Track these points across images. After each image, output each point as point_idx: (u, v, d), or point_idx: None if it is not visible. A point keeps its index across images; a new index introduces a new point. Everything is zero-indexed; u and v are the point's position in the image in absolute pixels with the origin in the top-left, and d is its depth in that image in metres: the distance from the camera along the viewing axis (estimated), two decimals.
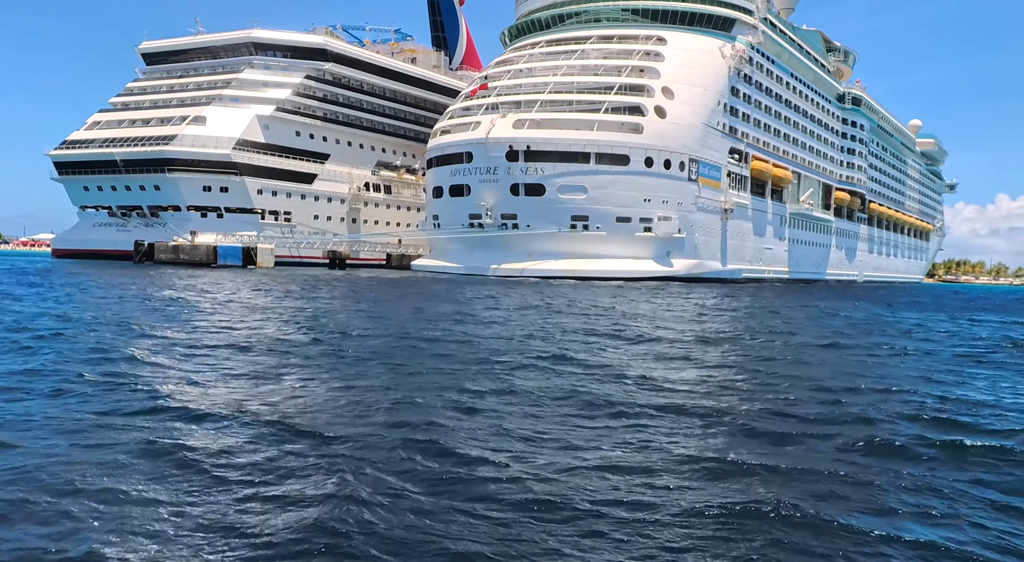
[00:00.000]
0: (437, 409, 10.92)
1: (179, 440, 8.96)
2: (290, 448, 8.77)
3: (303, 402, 11.24)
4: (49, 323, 20.17)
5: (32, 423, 9.50)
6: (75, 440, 8.83)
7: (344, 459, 8.33)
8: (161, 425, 9.68)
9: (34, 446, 8.51)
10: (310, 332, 20.16)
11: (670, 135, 73.22)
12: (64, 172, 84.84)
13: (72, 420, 9.71)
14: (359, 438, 9.23)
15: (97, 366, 13.70)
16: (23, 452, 8.26)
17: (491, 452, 8.81)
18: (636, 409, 11.23)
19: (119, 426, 9.52)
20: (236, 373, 13.60)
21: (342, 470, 7.90)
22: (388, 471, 7.99)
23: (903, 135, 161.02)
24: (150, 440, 8.88)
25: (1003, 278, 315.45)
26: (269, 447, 8.79)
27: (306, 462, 8.26)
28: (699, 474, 8.23)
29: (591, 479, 7.97)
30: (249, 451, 8.64)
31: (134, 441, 8.83)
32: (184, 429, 9.51)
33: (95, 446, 8.62)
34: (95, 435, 9.07)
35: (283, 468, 8.05)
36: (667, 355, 18.16)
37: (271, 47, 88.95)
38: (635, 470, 8.27)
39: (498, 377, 13.84)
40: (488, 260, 72.01)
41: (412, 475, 7.93)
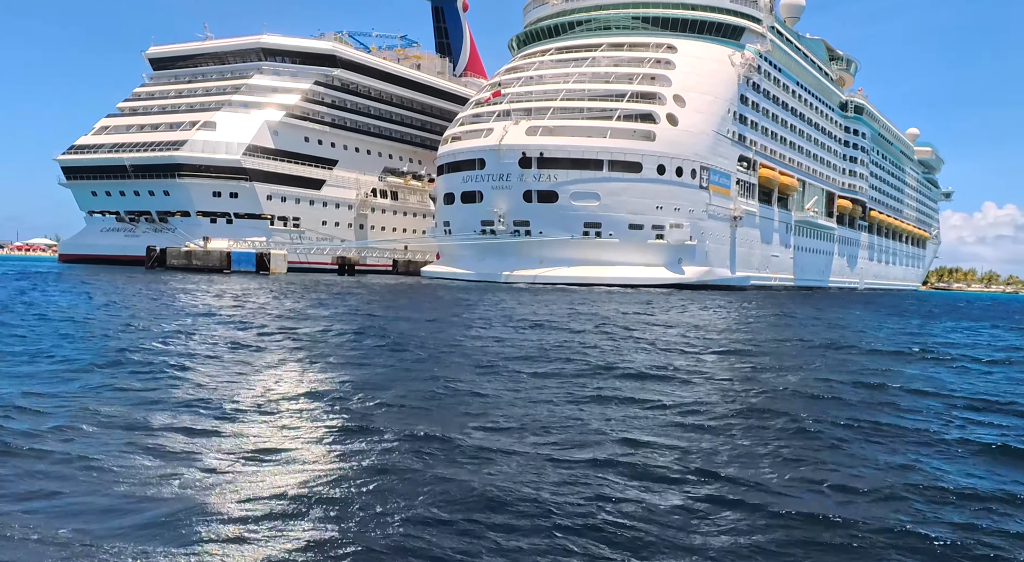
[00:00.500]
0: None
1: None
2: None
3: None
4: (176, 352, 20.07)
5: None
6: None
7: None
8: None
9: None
10: (395, 343, 20.12)
11: (682, 143, 73.47)
12: (72, 177, 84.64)
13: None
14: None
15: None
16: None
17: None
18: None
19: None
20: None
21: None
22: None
23: (902, 143, 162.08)
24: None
25: (994, 285, 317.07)
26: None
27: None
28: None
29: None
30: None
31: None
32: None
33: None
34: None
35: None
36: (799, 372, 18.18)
37: (281, 53, 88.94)
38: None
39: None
40: (500, 267, 72.03)
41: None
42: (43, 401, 11.00)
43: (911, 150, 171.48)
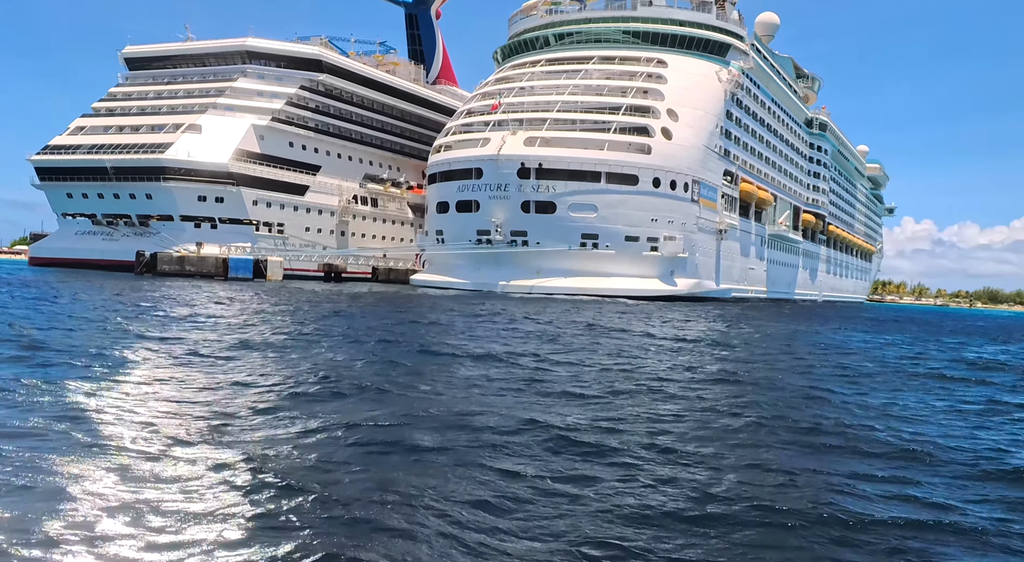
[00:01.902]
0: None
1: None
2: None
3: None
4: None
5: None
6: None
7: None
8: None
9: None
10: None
11: (676, 156, 74.54)
12: (46, 178, 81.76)
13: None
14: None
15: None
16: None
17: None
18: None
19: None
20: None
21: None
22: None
23: (857, 160, 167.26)
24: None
25: (925, 298, 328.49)
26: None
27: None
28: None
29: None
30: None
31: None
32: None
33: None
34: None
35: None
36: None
37: (266, 56, 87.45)
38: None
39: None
40: (496, 276, 71.97)
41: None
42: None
43: (863, 167, 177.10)
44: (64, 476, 7.88)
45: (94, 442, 9.19)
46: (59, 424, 9.86)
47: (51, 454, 8.58)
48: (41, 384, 12.29)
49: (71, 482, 7.71)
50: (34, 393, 11.71)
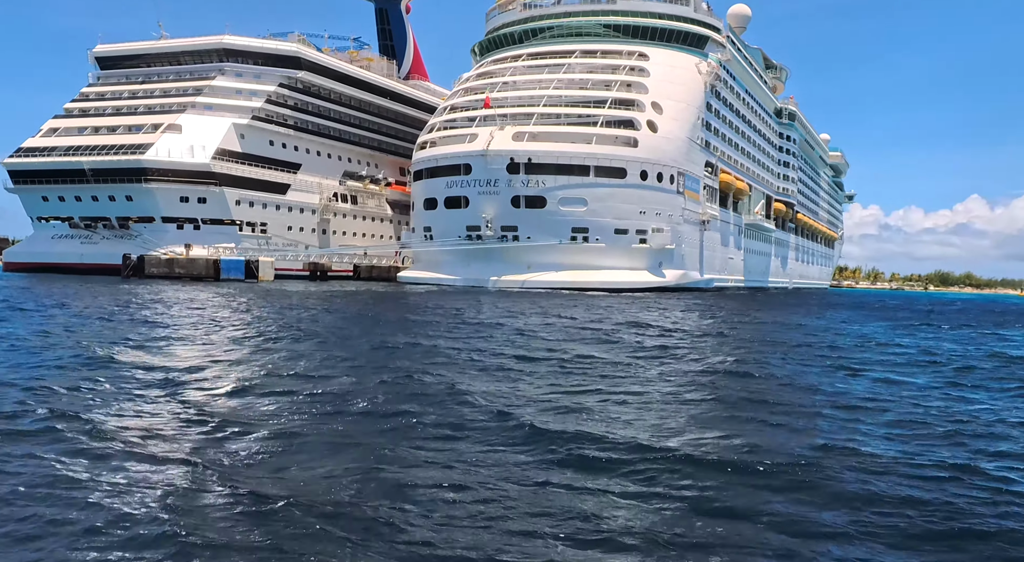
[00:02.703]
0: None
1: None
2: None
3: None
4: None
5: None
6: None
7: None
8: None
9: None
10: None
11: (662, 149, 75.22)
12: (20, 181, 79.82)
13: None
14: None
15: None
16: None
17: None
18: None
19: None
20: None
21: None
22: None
23: (821, 148, 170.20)
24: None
25: (880, 283, 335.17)
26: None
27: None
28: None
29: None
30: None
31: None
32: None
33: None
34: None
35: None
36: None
37: (243, 54, 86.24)
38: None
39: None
40: (486, 272, 72.01)
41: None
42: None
43: (827, 155, 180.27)
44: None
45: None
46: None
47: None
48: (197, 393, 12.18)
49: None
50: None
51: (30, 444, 9.19)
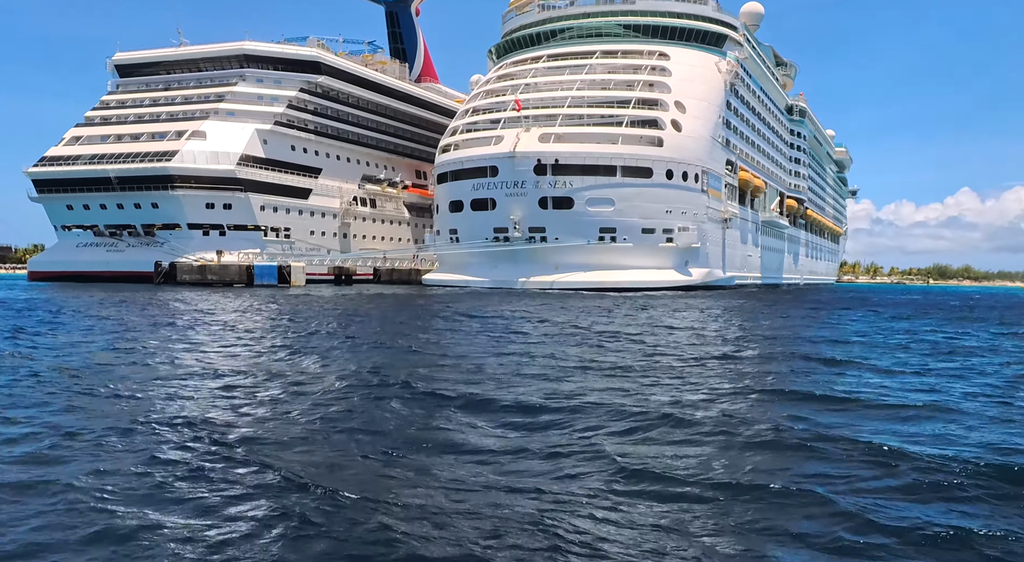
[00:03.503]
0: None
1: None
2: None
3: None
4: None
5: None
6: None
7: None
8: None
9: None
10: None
11: (687, 148, 75.50)
12: (45, 190, 79.93)
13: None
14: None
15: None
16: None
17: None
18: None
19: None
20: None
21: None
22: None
23: (828, 144, 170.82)
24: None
25: (879, 277, 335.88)
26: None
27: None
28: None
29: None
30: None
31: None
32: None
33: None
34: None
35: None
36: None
37: (263, 59, 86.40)
38: None
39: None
40: (515, 273, 72.26)
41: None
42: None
43: (833, 151, 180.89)
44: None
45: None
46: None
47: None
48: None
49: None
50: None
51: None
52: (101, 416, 11.16)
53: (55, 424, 10.56)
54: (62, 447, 9.39)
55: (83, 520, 6.98)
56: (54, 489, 7.76)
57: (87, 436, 9.91)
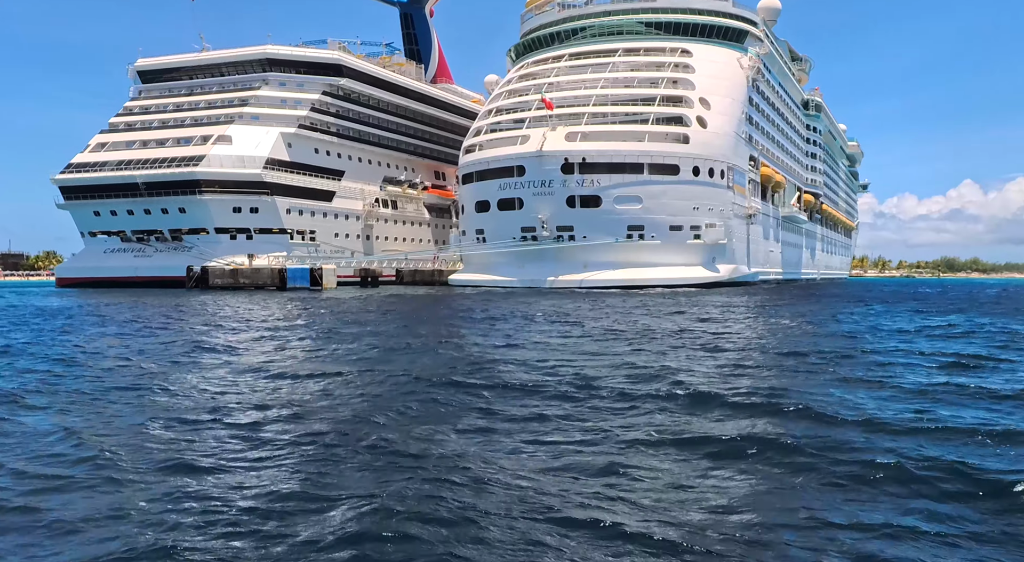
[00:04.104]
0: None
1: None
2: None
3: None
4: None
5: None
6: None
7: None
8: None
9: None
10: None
11: (712, 144, 75.53)
12: (72, 197, 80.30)
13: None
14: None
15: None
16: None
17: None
18: None
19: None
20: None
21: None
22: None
23: (842, 139, 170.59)
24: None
25: (888, 271, 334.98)
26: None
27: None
28: None
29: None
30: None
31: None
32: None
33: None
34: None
35: None
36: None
37: (286, 63, 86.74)
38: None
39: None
40: (543, 272, 72.33)
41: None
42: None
43: (846, 145, 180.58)
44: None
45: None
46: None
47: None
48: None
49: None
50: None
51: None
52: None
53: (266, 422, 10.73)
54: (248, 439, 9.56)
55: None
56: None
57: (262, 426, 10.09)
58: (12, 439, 10.03)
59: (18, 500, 7.56)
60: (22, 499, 7.59)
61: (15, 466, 8.72)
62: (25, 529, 6.83)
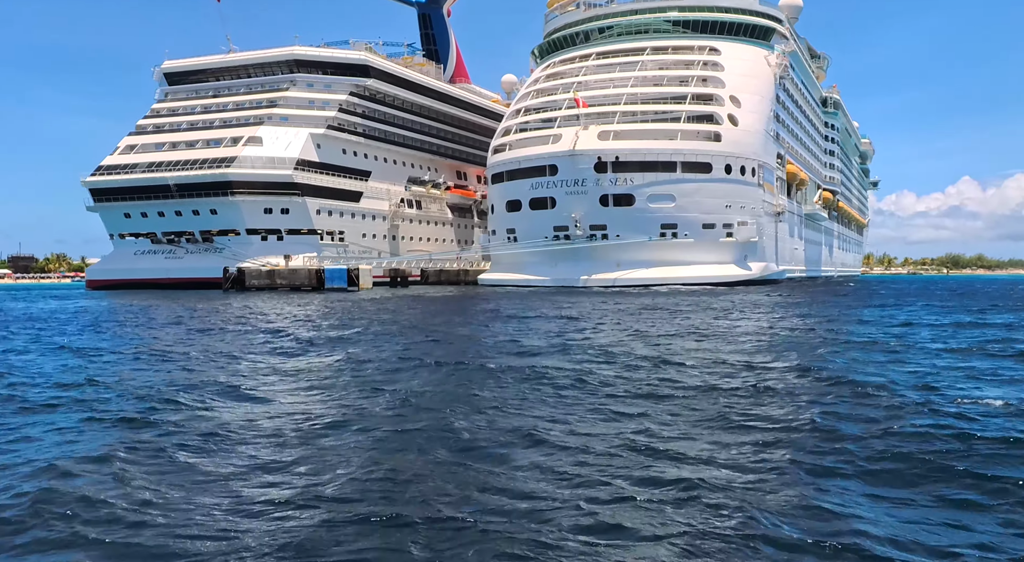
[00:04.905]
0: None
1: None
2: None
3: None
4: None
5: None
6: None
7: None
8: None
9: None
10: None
11: (743, 142, 75.54)
12: (102, 199, 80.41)
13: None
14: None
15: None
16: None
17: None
18: None
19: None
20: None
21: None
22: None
23: (856, 136, 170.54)
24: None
25: (893, 268, 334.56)
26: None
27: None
28: None
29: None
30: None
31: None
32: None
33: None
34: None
35: None
36: None
37: (313, 64, 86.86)
38: None
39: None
40: (576, 272, 72.40)
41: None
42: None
43: (860, 142, 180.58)
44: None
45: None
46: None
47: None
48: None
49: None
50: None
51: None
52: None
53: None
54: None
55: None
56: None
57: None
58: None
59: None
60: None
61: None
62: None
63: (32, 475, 8.35)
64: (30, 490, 7.74)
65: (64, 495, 7.56)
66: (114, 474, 8.35)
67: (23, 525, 6.88)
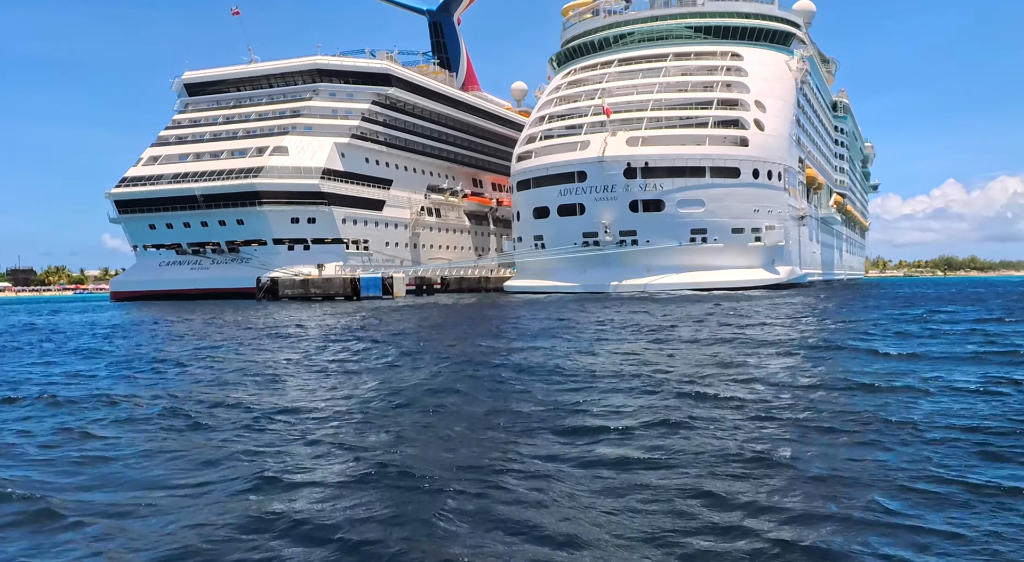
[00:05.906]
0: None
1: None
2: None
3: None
4: None
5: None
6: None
7: None
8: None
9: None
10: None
11: (770, 147, 75.85)
12: (126, 211, 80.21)
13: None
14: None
15: None
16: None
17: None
18: None
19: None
20: None
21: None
22: None
23: (862, 140, 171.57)
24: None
25: (888, 270, 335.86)
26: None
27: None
28: None
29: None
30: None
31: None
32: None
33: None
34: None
35: None
36: None
37: (335, 73, 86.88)
38: None
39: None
40: (606, 277, 72.47)
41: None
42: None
43: (864, 146, 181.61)
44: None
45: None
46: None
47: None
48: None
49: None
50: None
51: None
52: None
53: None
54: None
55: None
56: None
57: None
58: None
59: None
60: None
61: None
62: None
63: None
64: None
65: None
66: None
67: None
